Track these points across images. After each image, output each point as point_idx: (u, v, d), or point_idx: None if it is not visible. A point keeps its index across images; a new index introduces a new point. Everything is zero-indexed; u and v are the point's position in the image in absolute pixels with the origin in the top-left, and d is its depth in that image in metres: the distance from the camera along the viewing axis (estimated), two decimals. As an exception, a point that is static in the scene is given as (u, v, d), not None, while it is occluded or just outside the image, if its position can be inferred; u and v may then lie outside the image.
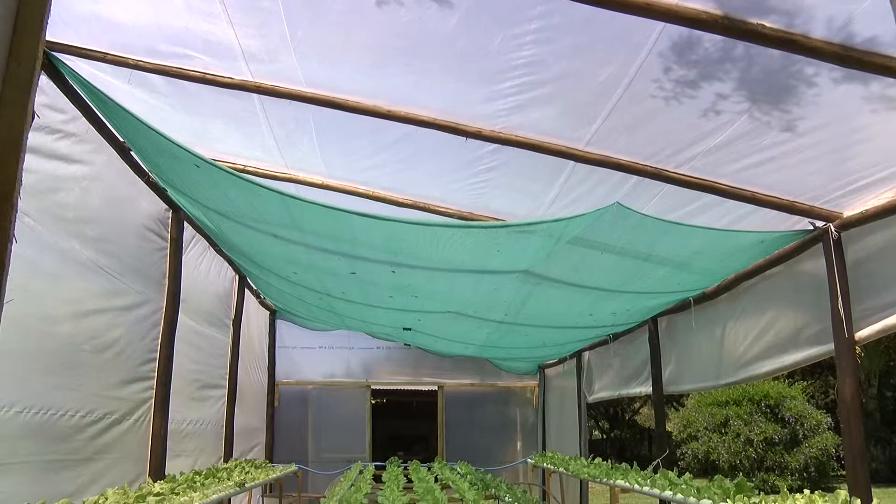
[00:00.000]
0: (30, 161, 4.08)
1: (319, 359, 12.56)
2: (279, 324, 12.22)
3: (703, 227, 4.82)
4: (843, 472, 17.30)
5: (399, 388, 13.22)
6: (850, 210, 4.61)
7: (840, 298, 4.62)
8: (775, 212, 4.82)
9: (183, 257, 6.79)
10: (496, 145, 4.86)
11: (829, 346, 4.84)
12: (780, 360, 5.62)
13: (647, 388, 8.26)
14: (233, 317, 9.05)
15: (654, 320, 7.87)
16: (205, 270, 7.84)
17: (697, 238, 5.00)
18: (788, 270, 5.47)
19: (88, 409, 5.15)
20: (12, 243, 2.94)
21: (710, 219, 5.11)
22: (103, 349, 5.38)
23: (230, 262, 8.61)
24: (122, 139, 5.27)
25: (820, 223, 4.78)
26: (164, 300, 6.45)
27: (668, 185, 4.85)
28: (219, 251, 8.08)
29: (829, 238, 4.72)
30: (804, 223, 4.88)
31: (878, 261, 4.49)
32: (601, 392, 10.12)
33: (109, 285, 5.44)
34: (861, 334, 4.57)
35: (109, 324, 5.46)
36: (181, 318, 6.71)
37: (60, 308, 4.77)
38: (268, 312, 11.76)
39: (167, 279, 6.51)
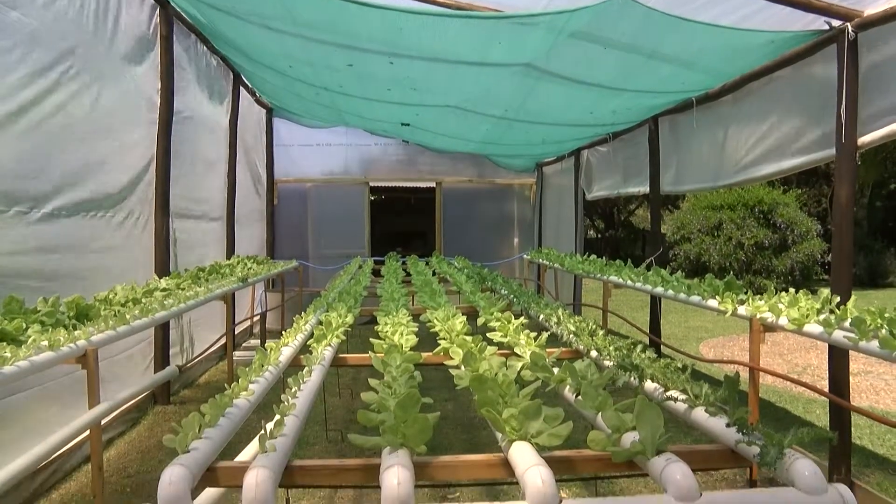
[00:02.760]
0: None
1: (317, 156, 12.58)
2: (276, 122, 12.10)
3: (712, 25, 4.61)
4: (826, 277, 17.85)
5: (397, 184, 13.36)
6: (872, 8, 4.36)
7: (846, 102, 4.50)
8: (789, 9, 4.55)
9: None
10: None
11: (830, 151, 4.79)
12: (780, 164, 5.60)
13: (645, 188, 8.33)
14: (228, 115, 8.92)
15: (654, 120, 7.79)
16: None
17: (706, 35, 4.79)
18: (796, 73, 5.31)
19: (105, 208, 5.31)
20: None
21: (718, 14, 4.85)
22: (114, 149, 5.45)
23: (223, 59, 8.36)
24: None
25: (837, 22, 4.56)
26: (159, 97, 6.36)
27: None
28: (211, 48, 7.83)
29: (844, 39, 4.51)
30: (819, 22, 4.65)
31: (893, 64, 4.32)
32: (600, 191, 10.22)
33: (111, 87, 5.39)
34: (864, 139, 4.48)
35: (109, 127, 5.45)
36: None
37: (76, 111, 4.84)
38: (264, 111, 11.59)
39: (160, 77, 6.36)
